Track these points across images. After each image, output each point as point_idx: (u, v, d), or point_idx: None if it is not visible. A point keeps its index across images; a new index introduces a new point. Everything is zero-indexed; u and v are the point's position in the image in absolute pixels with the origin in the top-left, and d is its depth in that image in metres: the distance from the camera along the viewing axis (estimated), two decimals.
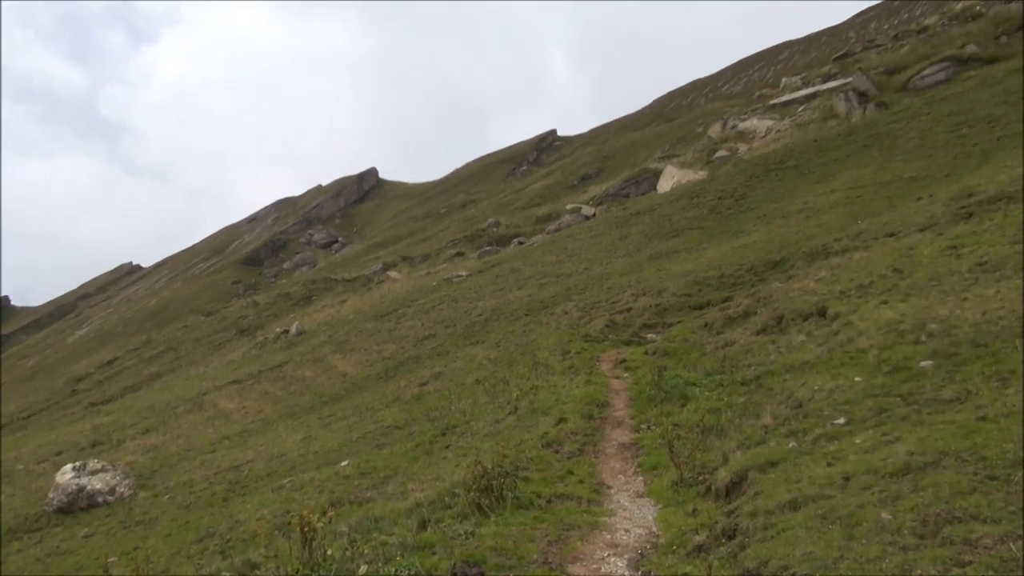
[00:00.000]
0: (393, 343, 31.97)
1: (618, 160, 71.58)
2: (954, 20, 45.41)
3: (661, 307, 22.10)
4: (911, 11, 73.60)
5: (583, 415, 13.09)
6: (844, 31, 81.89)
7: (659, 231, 33.56)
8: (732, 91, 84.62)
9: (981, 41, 40.04)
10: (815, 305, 14.96)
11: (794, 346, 13.42)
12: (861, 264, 16.89)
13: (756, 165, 36.68)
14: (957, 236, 16.11)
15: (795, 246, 22.36)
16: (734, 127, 49.87)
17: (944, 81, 37.71)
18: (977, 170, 22.77)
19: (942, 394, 8.03)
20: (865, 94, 40.49)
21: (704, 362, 15.22)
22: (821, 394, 9.78)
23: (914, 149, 28.78)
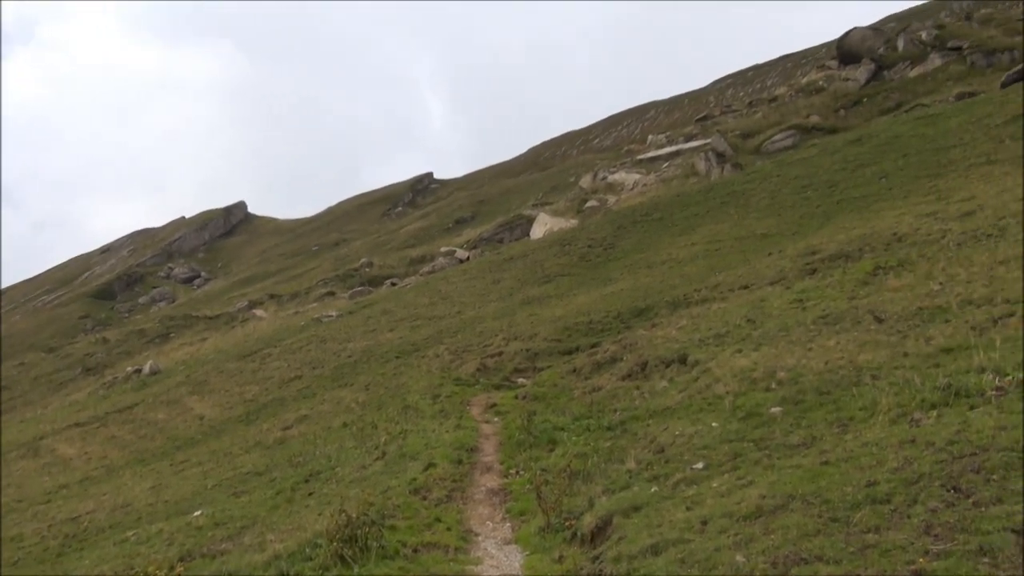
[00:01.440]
0: (256, 384, 30.63)
1: (493, 205, 72.74)
2: (800, 92, 49.61)
3: (532, 352, 22.40)
4: (763, 81, 79.82)
5: (452, 460, 12.96)
6: (705, 95, 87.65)
7: (531, 276, 34.20)
8: (603, 144, 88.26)
9: (823, 112, 43.92)
10: (677, 352, 15.62)
11: (657, 392, 13.92)
12: (719, 314, 17.83)
13: (624, 216, 38.24)
14: (803, 290, 17.36)
15: (659, 295, 23.35)
16: (604, 179, 51.91)
17: (792, 147, 40.97)
18: (820, 230, 24.74)
19: (790, 439, 8.53)
20: (723, 155, 43.31)
21: (572, 407, 15.49)
22: (682, 439, 10.16)
23: (766, 208, 30.93)
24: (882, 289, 15.34)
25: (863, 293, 15.54)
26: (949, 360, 10.04)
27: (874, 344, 12.03)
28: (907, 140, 31.81)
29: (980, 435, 6.42)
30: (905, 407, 8.11)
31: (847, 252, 19.71)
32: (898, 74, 45.42)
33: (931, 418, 7.51)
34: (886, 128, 35.28)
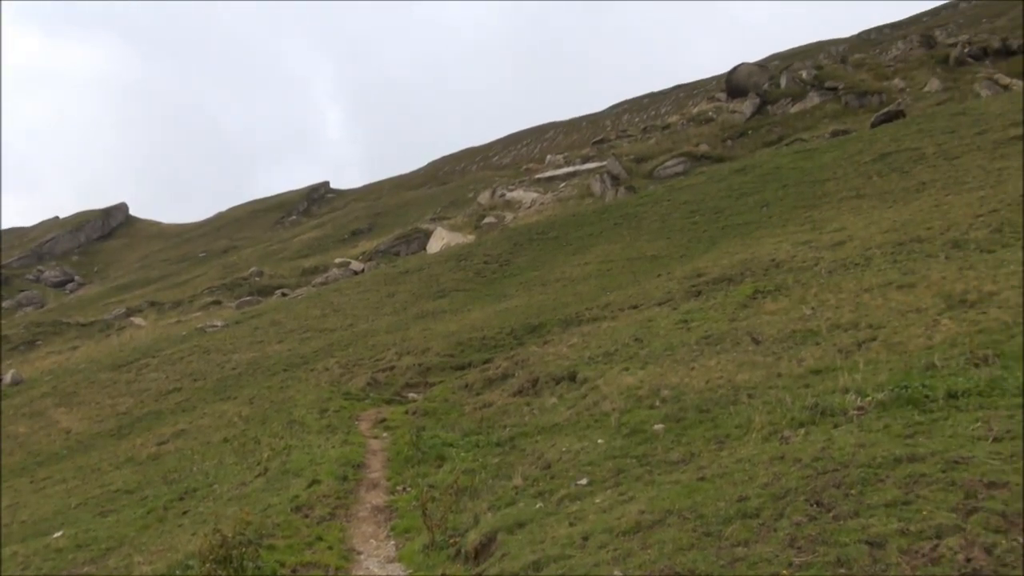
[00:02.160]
0: (131, 396, 28.98)
1: (390, 217, 72.02)
2: (691, 121, 51.77)
3: (424, 366, 22.21)
4: (657, 109, 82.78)
5: (338, 477, 12.65)
6: (602, 119, 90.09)
7: (427, 291, 34.00)
8: (502, 162, 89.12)
9: (711, 142, 45.96)
10: (567, 369, 15.86)
11: (547, 408, 14.07)
12: (608, 333, 18.25)
13: (521, 234, 38.65)
14: (688, 311, 18.01)
15: (552, 312, 23.68)
16: (502, 196, 52.38)
17: (682, 173, 42.63)
18: (706, 253, 25.79)
19: (671, 456, 8.79)
20: (617, 178, 44.58)
21: (463, 423, 15.44)
22: (568, 455, 10.29)
23: (656, 231, 31.99)
24: (760, 312, 16.11)
25: (743, 316, 16.27)
26: (818, 381, 10.63)
27: (751, 364, 12.60)
28: (787, 172, 33.68)
29: (842, 452, 6.81)
30: (776, 425, 8.52)
31: (730, 276, 20.60)
32: (780, 109, 48.13)
33: (799, 436, 7.92)
34: (768, 159, 37.24)
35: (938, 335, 11.39)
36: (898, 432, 7.08)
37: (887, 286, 15.16)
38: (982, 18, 63.80)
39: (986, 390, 7.72)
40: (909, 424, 7.25)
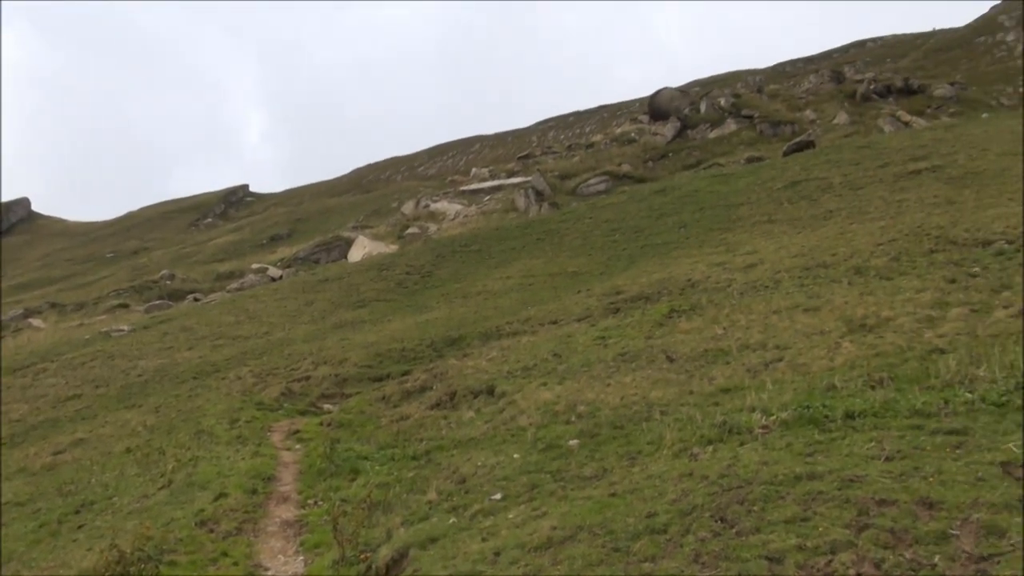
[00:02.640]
0: (26, 403, 27.43)
1: (311, 224, 70.75)
2: (614, 141, 52.85)
3: (341, 377, 21.85)
4: (582, 127, 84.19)
5: (246, 490, 12.29)
6: (528, 135, 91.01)
7: (346, 300, 33.50)
8: (427, 173, 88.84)
9: (633, 162, 47.02)
10: (485, 383, 15.88)
11: (464, 422, 14.05)
12: (528, 347, 18.38)
13: (444, 245, 38.58)
14: (606, 328, 18.33)
15: (472, 326, 23.68)
16: (426, 207, 52.19)
17: (604, 191, 43.44)
18: (625, 271, 26.32)
19: (584, 471, 8.91)
20: (541, 193, 45.07)
21: (378, 435, 15.25)
22: (483, 470, 10.30)
23: (578, 247, 32.47)
24: (675, 331, 16.54)
25: (658, 334, 16.67)
26: (727, 399, 10.98)
27: (665, 382, 12.92)
28: (704, 195, 34.77)
29: (746, 469, 7.05)
30: (687, 442, 8.75)
31: (647, 294, 21.08)
32: (699, 134, 49.70)
33: (708, 453, 8.16)
34: (687, 182, 38.36)
35: (839, 357, 11.94)
36: (799, 450, 7.39)
37: (794, 309, 15.81)
38: (887, 58, 67.60)
39: (880, 411, 8.13)
40: (810, 443, 7.57)
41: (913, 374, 9.80)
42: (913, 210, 24.25)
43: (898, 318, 13.50)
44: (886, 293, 15.37)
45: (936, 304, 13.91)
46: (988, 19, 65.39)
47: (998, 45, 59.44)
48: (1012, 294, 13.62)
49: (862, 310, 14.38)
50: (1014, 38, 59.19)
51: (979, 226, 19.36)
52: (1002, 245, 17.40)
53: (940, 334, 12.10)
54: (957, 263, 16.75)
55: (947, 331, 12.11)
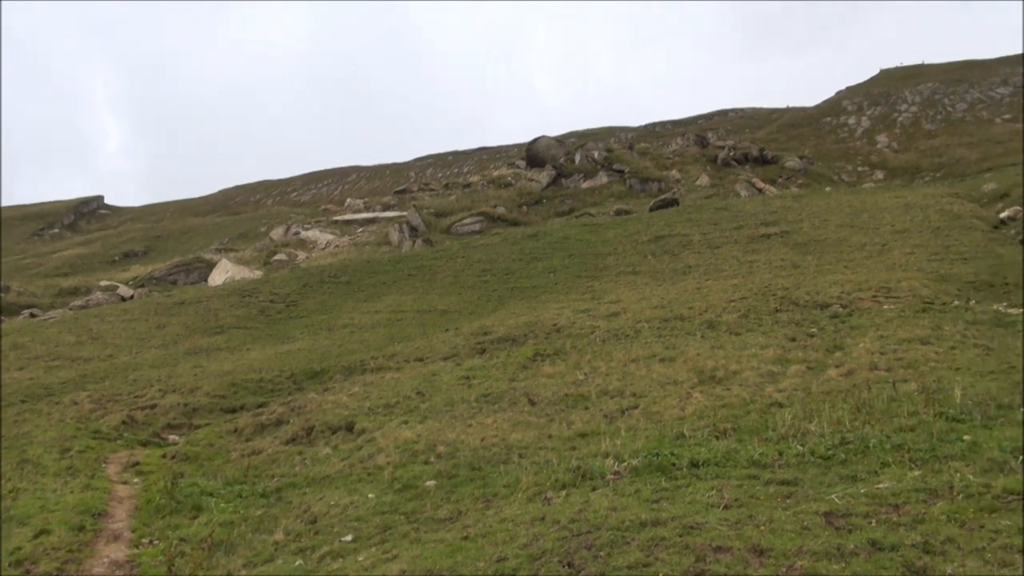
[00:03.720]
0: None
1: (171, 243, 67.20)
2: (491, 183, 53.73)
3: (191, 407, 20.67)
4: (460, 167, 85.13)
5: (73, 526, 11.31)
6: (406, 169, 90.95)
7: (203, 325, 31.90)
8: (300, 199, 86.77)
9: (508, 205, 47.93)
10: (345, 419, 15.51)
11: (320, 459, 13.62)
12: (391, 384, 18.14)
13: (312, 275, 37.64)
14: (471, 368, 18.40)
15: (336, 359, 23.13)
16: (297, 234, 50.86)
17: (478, 232, 43.94)
18: (494, 312, 26.61)
19: (439, 513, 8.84)
20: (416, 229, 45.02)
21: (227, 470, 14.49)
22: (336, 509, 10.00)
23: (448, 285, 32.56)
24: (538, 374, 16.84)
25: (522, 376, 16.92)
26: (584, 444, 11.26)
27: (525, 425, 13.10)
28: (574, 242, 35.88)
29: (596, 515, 7.24)
30: (542, 486, 8.88)
31: (514, 336, 21.38)
32: (573, 183, 51.42)
33: (561, 497, 8.31)
34: (559, 229, 39.48)
35: (690, 407, 12.54)
36: (647, 497, 7.67)
37: (651, 358, 16.51)
38: (746, 128, 72.80)
39: (722, 461, 8.60)
40: (657, 490, 7.88)
41: (754, 426, 10.43)
42: (762, 271, 26.04)
43: (744, 372, 14.37)
44: (735, 348, 16.35)
45: (778, 360, 14.94)
46: (834, 102, 71.99)
47: (842, 126, 65.42)
48: (843, 355, 14.83)
49: (712, 363, 15.21)
50: (855, 122, 65.41)
51: (818, 290, 21.04)
52: (837, 309, 18.98)
53: (780, 389, 12.97)
54: (798, 323, 18.09)
55: (786, 386, 13.00)
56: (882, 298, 19.53)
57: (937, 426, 8.92)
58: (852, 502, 6.89)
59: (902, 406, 10.04)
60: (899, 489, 7.06)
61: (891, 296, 19.66)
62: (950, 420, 9.18)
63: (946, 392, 10.36)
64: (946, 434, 8.61)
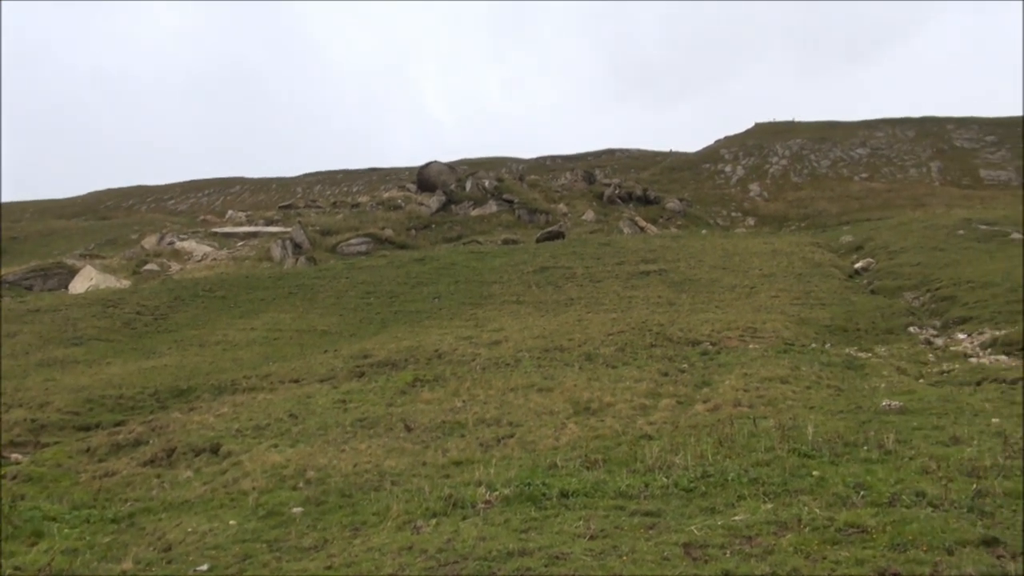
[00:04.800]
0: None
1: (29, 245, 62.51)
2: (380, 205, 53.25)
3: (39, 423, 19.14)
4: (350, 187, 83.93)
5: None
6: (294, 185, 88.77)
7: (59, 335, 29.74)
8: (178, 208, 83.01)
9: (397, 228, 47.58)
10: (210, 441, 14.81)
11: (179, 482, 12.93)
12: (263, 405, 17.50)
13: (185, 287, 35.94)
14: (348, 391, 18.03)
15: (205, 377, 22.10)
16: (171, 244, 48.52)
17: (365, 253, 43.34)
18: (376, 335, 26.23)
19: (303, 542, 8.56)
20: (300, 246, 43.90)
21: (75, 493, 13.49)
22: (193, 536, 9.51)
23: (331, 306, 31.86)
24: (417, 400, 16.70)
25: (400, 401, 16.72)
26: (458, 472, 11.22)
27: (400, 451, 12.92)
28: (461, 269, 35.99)
29: (464, 544, 7.22)
30: (412, 514, 8.77)
31: (394, 360, 21.14)
32: (463, 210, 51.69)
33: (431, 526, 8.24)
34: (446, 255, 39.51)
35: (564, 437, 12.75)
36: (516, 526, 7.72)
37: (530, 388, 16.71)
38: (631, 168, 75.64)
39: (591, 491, 8.78)
40: (526, 519, 7.94)
41: (624, 457, 10.73)
42: (640, 307, 26.97)
43: (618, 404, 14.78)
44: (610, 380, 16.80)
45: (650, 394, 15.46)
46: (713, 150, 76.01)
47: (719, 173, 69.10)
48: (710, 390, 15.52)
49: (588, 394, 15.56)
50: (731, 170, 69.27)
51: (691, 327, 21.98)
52: (707, 346, 19.88)
53: (650, 421, 13.41)
54: (671, 359, 18.81)
55: (656, 419, 13.46)
56: (748, 338, 20.61)
57: (790, 461, 9.47)
58: (710, 533, 7.19)
59: (760, 441, 10.60)
60: (753, 521, 7.43)
61: (756, 336, 20.79)
62: (802, 456, 9.76)
63: (800, 429, 11.02)
64: (798, 469, 9.15)
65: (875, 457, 9.54)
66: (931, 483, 8.22)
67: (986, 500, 7.64)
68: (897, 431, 10.64)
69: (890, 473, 8.76)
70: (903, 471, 8.85)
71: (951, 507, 7.49)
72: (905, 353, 18.82)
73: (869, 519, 7.20)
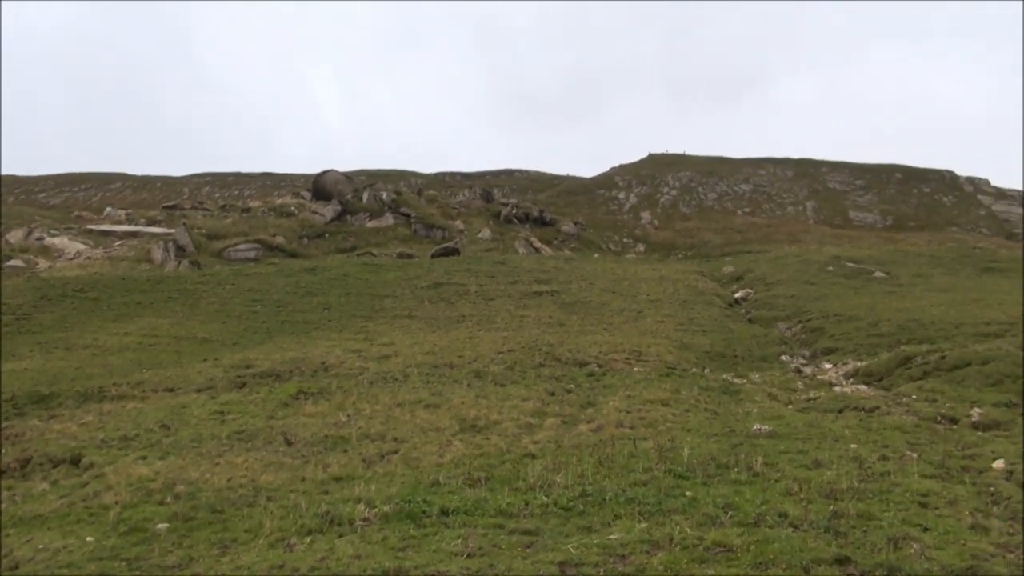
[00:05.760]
0: None
1: None
2: (272, 211, 51.76)
3: None
4: (241, 190, 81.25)
5: None
6: (181, 184, 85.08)
7: None
8: (50, 201, 78.00)
9: (289, 236, 46.38)
10: (71, 451, 13.87)
11: (33, 495, 12.02)
12: (132, 414, 16.57)
13: (53, 286, 33.68)
14: (227, 402, 17.32)
15: (71, 383, 20.71)
16: (40, 239, 45.41)
17: (253, 259, 41.96)
18: (260, 345, 25.35)
19: (167, 560, 8.13)
20: (184, 249, 42.03)
21: None
22: (44, 554, 8.86)
23: (213, 313, 30.60)
24: (299, 413, 16.23)
25: (282, 414, 16.21)
26: (338, 488, 10.96)
27: (278, 466, 12.51)
28: (353, 281, 35.39)
29: (339, 563, 7.05)
30: (286, 531, 8.49)
31: (278, 371, 20.49)
32: (358, 221, 50.96)
33: (305, 544, 7.99)
34: (339, 265, 38.78)
35: (448, 454, 12.69)
36: (393, 544, 7.60)
37: (417, 404, 16.56)
38: (529, 190, 76.81)
39: (472, 509, 8.76)
40: (404, 537, 7.84)
41: (507, 476, 10.77)
42: (531, 326, 27.29)
43: (504, 422, 14.85)
44: (498, 398, 16.87)
45: (536, 413, 15.62)
46: (607, 177, 78.25)
47: (613, 199, 71.14)
48: (595, 411, 15.85)
49: (475, 412, 15.57)
50: (624, 197, 71.46)
51: (579, 348, 22.41)
52: (594, 367, 20.31)
53: (535, 440, 13.54)
54: (558, 378, 19.10)
55: (540, 438, 13.61)
56: (633, 360, 21.21)
57: (666, 482, 9.78)
58: (585, 552, 7.31)
59: (639, 462, 10.89)
60: (627, 540, 7.61)
61: (641, 359, 21.42)
62: (677, 477, 10.09)
63: (677, 451, 11.40)
64: (672, 489, 9.45)
65: (744, 479, 9.98)
66: (793, 504, 8.67)
67: (841, 521, 8.12)
68: (765, 454, 11.17)
69: (757, 494, 9.18)
70: (769, 492, 9.29)
71: (810, 527, 7.92)
72: (777, 380, 19.83)
73: (735, 538, 7.51)
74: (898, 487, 9.47)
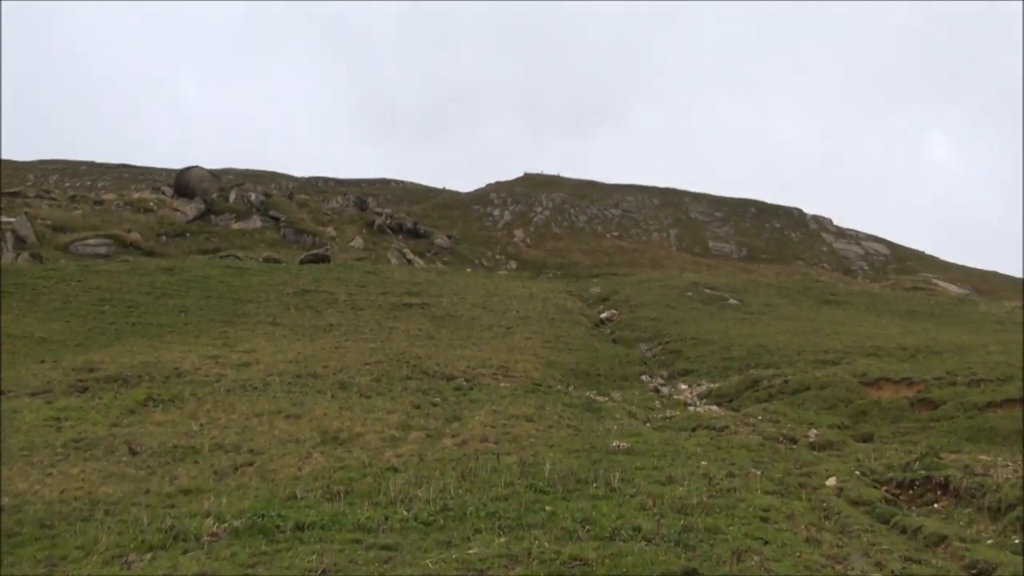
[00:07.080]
0: None
1: None
2: (129, 205, 48.66)
3: None
4: (95, 181, 76.03)
5: None
6: (26, 170, 78.56)
7: None
8: None
9: (146, 233, 43.74)
10: None
11: None
12: None
13: None
14: (65, 408, 16.04)
15: None
16: None
17: (104, 256, 39.24)
18: (107, 347, 23.66)
19: None
20: (24, 240, 38.76)
21: None
22: None
23: (55, 311, 28.31)
24: (147, 421, 15.26)
25: (127, 422, 15.19)
26: (185, 501, 10.35)
27: (120, 477, 11.69)
28: (215, 283, 33.76)
29: None
30: (124, 548, 7.92)
31: (126, 376, 19.20)
32: (223, 222, 48.79)
33: (145, 561, 7.48)
34: (199, 267, 36.90)
35: (308, 467, 12.29)
36: (243, 561, 7.25)
37: (276, 414, 15.96)
38: (404, 200, 76.29)
39: (329, 524, 8.51)
40: (255, 553, 7.49)
41: (367, 489, 10.56)
42: (400, 338, 27.00)
43: (367, 435, 14.57)
44: (362, 410, 16.54)
45: (401, 426, 15.43)
46: (483, 193, 79.00)
47: (487, 215, 71.85)
48: (460, 425, 15.84)
49: (338, 423, 15.18)
50: (499, 214, 72.33)
51: (447, 362, 22.38)
52: (461, 382, 20.33)
53: (398, 454, 13.36)
54: (425, 392, 18.97)
55: (404, 452, 13.44)
56: (500, 376, 21.40)
57: (527, 496, 9.89)
58: (444, 567, 7.26)
59: (501, 476, 10.97)
60: (486, 555, 7.63)
61: (508, 375, 21.65)
62: (538, 491, 10.24)
63: (539, 466, 11.57)
64: (532, 504, 9.57)
65: (602, 494, 10.26)
66: (647, 518, 8.99)
67: (691, 535, 8.49)
68: (623, 470, 11.53)
69: (613, 509, 9.45)
70: (624, 507, 9.59)
71: (662, 541, 8.23)
72: (636, 399, 20.58)
73: (591, 552, 7.68)
74: (743, 502, 10.02)
